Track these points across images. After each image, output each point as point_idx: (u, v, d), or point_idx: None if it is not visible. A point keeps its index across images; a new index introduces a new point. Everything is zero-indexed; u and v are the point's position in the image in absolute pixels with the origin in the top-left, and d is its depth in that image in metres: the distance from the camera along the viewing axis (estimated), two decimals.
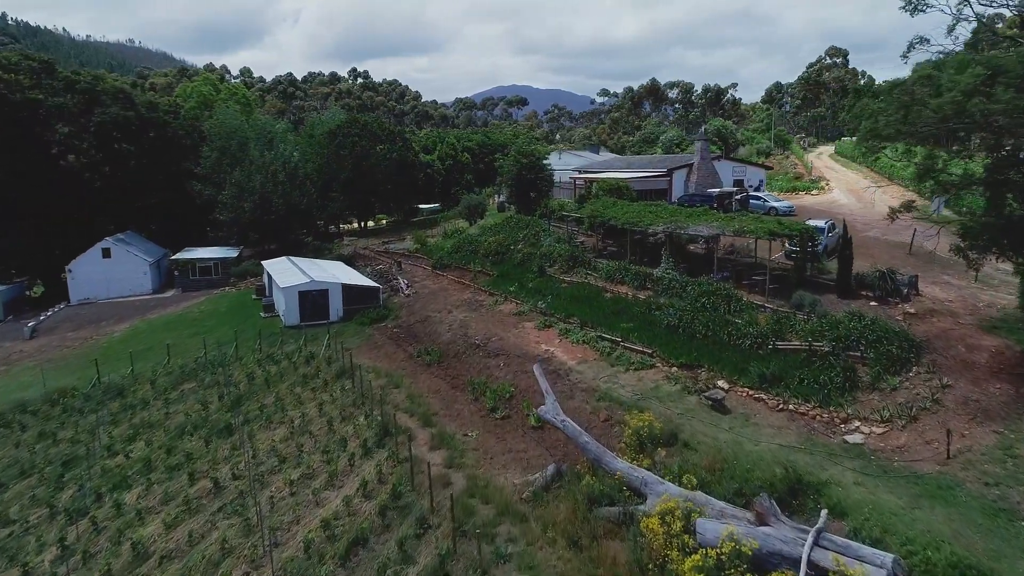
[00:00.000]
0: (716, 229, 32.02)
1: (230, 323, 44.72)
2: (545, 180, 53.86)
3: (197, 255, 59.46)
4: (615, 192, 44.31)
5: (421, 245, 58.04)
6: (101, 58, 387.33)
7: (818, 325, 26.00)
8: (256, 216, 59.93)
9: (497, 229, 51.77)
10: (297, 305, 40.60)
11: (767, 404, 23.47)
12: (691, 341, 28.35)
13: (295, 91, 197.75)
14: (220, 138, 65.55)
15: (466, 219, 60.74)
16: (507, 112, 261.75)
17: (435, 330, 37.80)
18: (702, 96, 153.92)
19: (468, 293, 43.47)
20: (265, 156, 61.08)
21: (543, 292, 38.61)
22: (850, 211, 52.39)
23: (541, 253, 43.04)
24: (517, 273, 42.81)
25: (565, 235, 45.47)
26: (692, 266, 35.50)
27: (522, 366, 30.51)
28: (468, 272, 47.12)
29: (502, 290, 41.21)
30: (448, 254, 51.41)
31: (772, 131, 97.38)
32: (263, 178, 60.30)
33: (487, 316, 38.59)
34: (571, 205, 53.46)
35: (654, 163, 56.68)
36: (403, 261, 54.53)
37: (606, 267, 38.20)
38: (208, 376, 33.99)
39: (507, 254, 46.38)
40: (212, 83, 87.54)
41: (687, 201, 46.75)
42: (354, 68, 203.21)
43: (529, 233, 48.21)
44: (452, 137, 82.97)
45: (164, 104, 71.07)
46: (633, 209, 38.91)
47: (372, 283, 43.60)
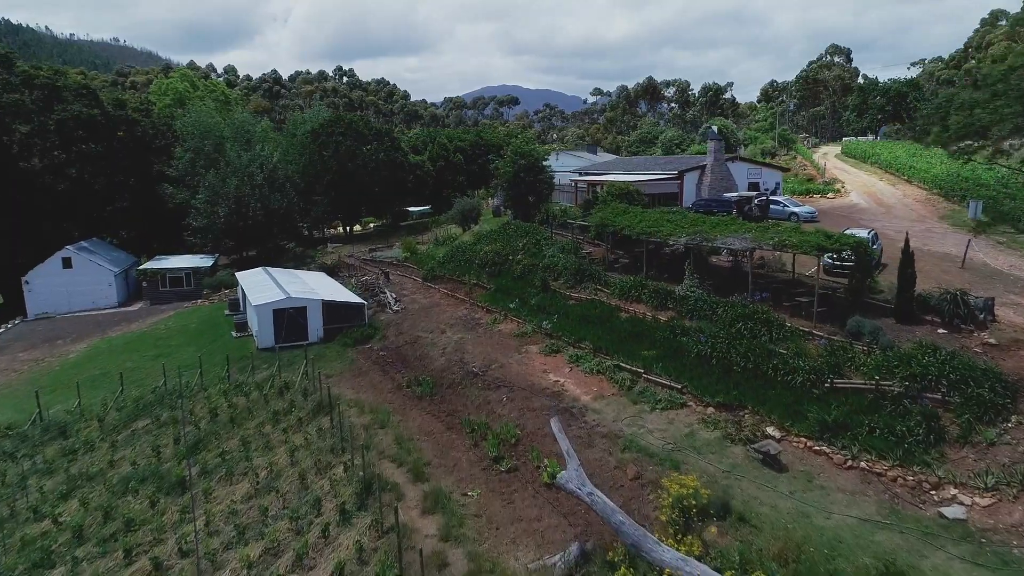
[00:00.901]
0: (751, 242, 27.86)
1: (198, 343, 40.21)
2: (545, 183, 49.67)
3: (167, 264, 54.85)
4: (625, 197, 40.17)
5: (411, 253, 53.70)
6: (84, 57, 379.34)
7: (883, 359, 21.88)
8: (231, 222, 55.40)
9: (494, 237, 47.50)
10: (272, 325, 36.17)
11: (832, 460, 19.34)
12: (728, 375, 24.20)
13: (280, 90, 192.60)
14: (194, 138, 60.95)
15: (459, 225, 56.46)
16: (498, 112, 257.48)
17: (427, 354, 33.48)
18: (700, 95, 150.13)
19: (463, 309, 39.18)
20: (241, 157, 56.53)
21: (548, 310, 34.39)
22: (874, 216, 48.51)
23: (544, 265, 38.81)
24: (517, 287, 38.55)
25: (570, 244, 41.24)
26: (718, 282, 31.31)
27: (528, 402, 26.27)
28: (463, 285, 42.84)
29: (501, 307, 36.96)
30: (440, 264, 47.10)
31: (776, 131, 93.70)
32: (239, 181, 55.79)
33: (485, 337, 34.32)
34: (574, 211, 49.27)
35: (662, 165, 52.58)
36: (391, 271, 50.16)
37: (619, 282, 33.96)
38: (165, 411, 29.51)
39: (505, 265, 42.11)
40: (189, 79, 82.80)
41: (702, 207, 42.69)
42: (339, 66, 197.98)
43: (529, 242, 43.96)
44: (443, 137, 78.64)
45: (134, 101, 66.29)
46: (649, 217, 34.75)
47: (356, 298, 39.22)
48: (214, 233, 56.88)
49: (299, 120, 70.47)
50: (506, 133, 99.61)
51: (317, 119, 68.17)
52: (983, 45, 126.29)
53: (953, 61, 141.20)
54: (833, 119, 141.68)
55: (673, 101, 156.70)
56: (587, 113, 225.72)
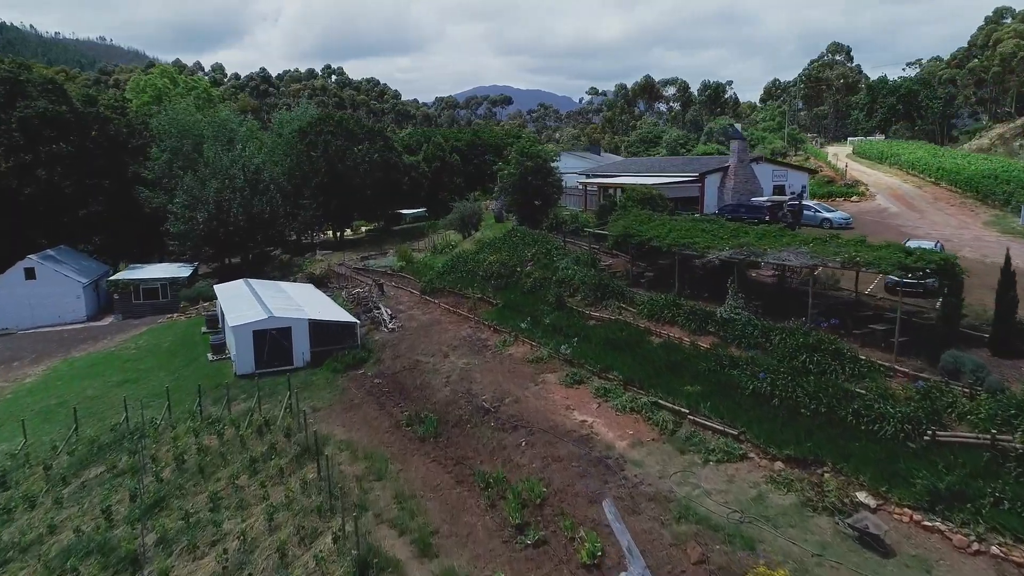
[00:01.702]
0: (811, 258, 23.82)
1: (170, 366, 35.91)
2: (554, 186, 45.63)
3: (140, 275, 50.42)
4: (647, 202, 36.18)
5: (407, 262, 49.52)
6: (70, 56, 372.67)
7: (996, 406, 17.93)
8: (211, 228, 51.04)
9: (498, 245, 43.40)
10: (251, 348, 31.92)
11: (950, 541, 15.35)
12: (794, 419, 20.19)
13: (269, 88, 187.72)
14: (170, 137, 56.58)
15: (459, 231, 52.34)
16: (491, 112, 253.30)
17: (428, 383, 29.34)
18: (700, 94, 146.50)
19: (467, 328, 35.05)
20: (221, 158, 52.19)
21: (565, 331, 30.33)
22: (909, 222, 44.75)
23: (558, 279, 34.73)
24: (528, 304, 34.46)
25: (585, 255, 37.17)
26: (765, 302, 27.23)
27: (552, 448, 22.18)
28: (465, 299, 38.73)
29: (511, 326, 32.86)
30: (440, 275, 42.95)
31: (785, 130, 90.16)
32: (219, 184, 51.43)
33: (495, 363, 30.21)
34: (587, 217, 45.18)
35: (680, 167, 48.62)
36: (385, 283, 45.97)
37: (647, 301, 29.87)
38: (124, 456, 25.24)
39: (513, 278, 38.02)
40: (169, 75, 78.21)
41: (729, 212, 38.77)
42: (328, 65, 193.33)
43: (539, 251, 39.89)
44: (439, 136, 74.44)
45: (107, 99, 61.76)
46: (679, 227, 30.73)
47: (348, 317, 35.02)
48: (192, 240, 52.51)
49: (285, 118, 66.15)
50: (504, 133, 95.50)
51: (304, 117, 63.87)
52: (991, 43, 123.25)
53: (955, 60, 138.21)
54: (836, 118, 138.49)
55: (672, 100, 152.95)
56: (582, 113, 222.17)
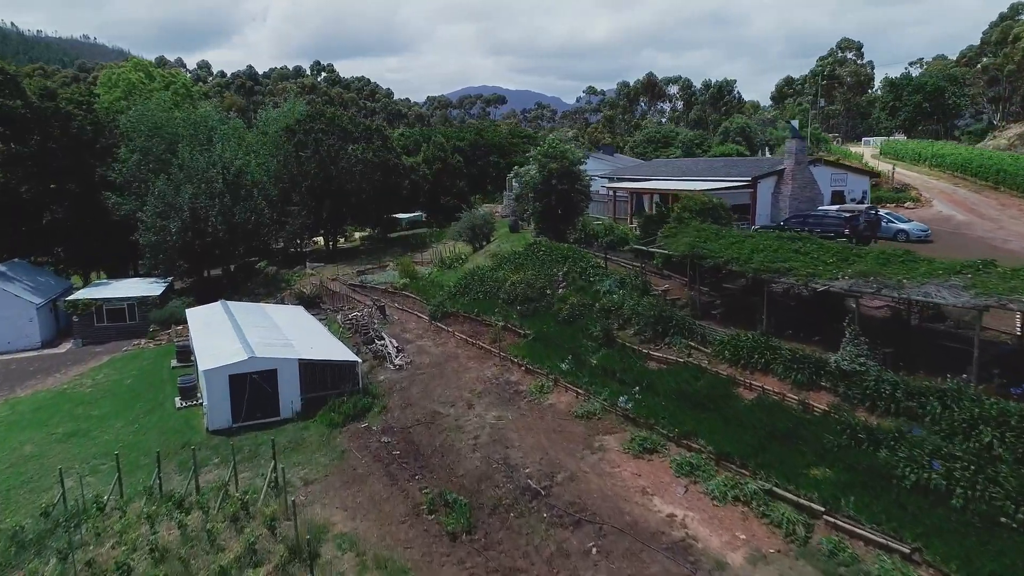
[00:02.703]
0: (977, 296, 17.67)
1: (129, 412, 29.55)
2: (582, 192, 39.57)
3: (104, 294, 43.90)
4: (708, 213, 30.10)
5: (410, 278, 43.28)
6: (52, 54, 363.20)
7: None
8: (186, 239, 44.66)
9: (520, 261, 37.30)
10: (228, 397, 25.64)
11: None
12: (993, 532, 14.23)
13: (255, 86, 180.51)
14: (140, 136, 50.10)
15: (468, 242, 46.16)
16: (484, 111, 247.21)
17: (451, 444, 23.22)
18: (703, 92, 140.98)
19: (492, 366, 28.93)
20: (197, 160, 45.79)
21: (619, 377, 24.30)
22: (988, 233, 39.02)
23: (602, 306, 28.62)
24: (566, 336, 28.38)
25: (632, 276, 31.06)
26: (893, 346, 21.07)
27: (638, 563, 16.09)
28: (485, 326, 32.63)
29: (548, 366, 26.79)
30: (452, 296, 36.80)
31: (808, 129, 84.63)
32: (194, 188, 45.03)
33: (533, 418, 24.13)
34: (625, 229, 38.93)
35: (724, 170, 42.63)
36: (388, 304, 39.77)
37: (728, 341, 23.77)
38: (53, 558, 18.94)
39: (542, 302, 31.92)
40: (144, 68, 71.50)
41: (797, 224, 32.82)
42: (318, 61, 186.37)
43: (572, 270, 33.83)
44: (440, 136, 68.19)
45: (69, 93, 55.11)
46: (765, 246, 24.66)
47: (347, 354, 28.80)
48: (164, 252, 46.06)
49: (271, 116, 59.71)
50: (508, 132, 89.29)
51: (292, 114, 57.51)
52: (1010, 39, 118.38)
53: (964, 58, 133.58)
54: (847, 117, 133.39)
55: (675, 99, 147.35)
56: (578, 113, 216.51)
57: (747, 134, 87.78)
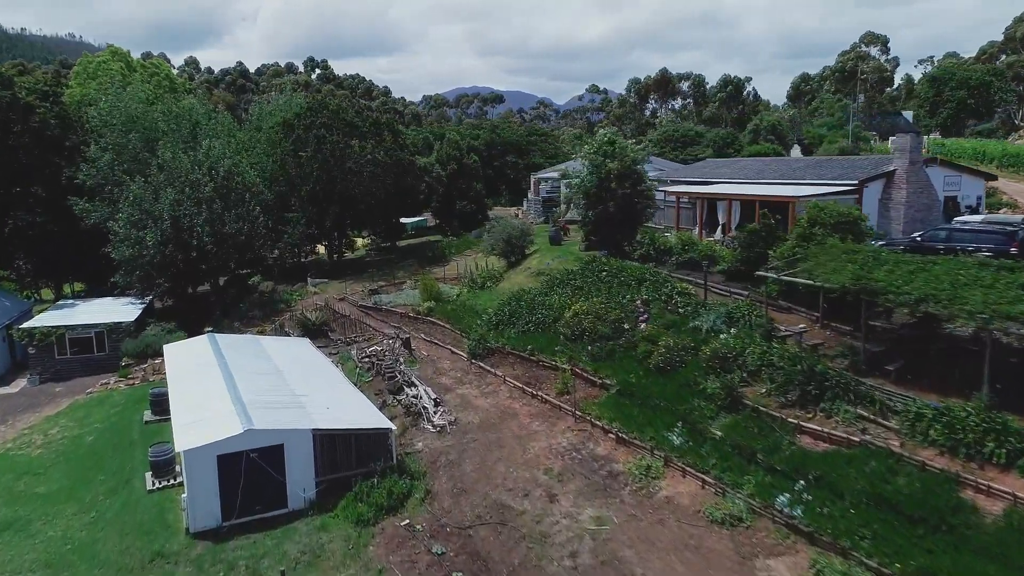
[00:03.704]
0: None
1: (85, 491, 22.39)
2: (647, 198, 32.69)
3: (68, 320, 36.62)
4: (847, 228, 23.22)
5: (435, 300, 36.19)
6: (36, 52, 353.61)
7: None
8: (165, 254, 37.52)
9: (577, 282, 30.39)
10: (217, 486, 18.50)
11: None
12: None
13: (246, 83, 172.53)
14: (113, 131, 42.82)
15: (501, 255, 39.10)
16: (482, 110, 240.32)
17: (535, 562, 16.23)
18: (719, 89, 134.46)
19: (567, 430, 21.98)
20: (179, 158, 38.62)
21: (759, 457, 17.40)
22: None
23: (713, 352, 21.65)
24: (665, 391, 21.44)
25: (740, 309, 24.10)
26: None
27: None
28: (544, 369, 25.73)
29: (650, 436, 19.87)
30: (493, 327, 29.84)
31: (851, 127, 78.25)
32: (176, 193, 37.86)
33: (649, 521, 17.18)
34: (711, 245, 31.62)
35: (816, 170, 35.77)
36: (411, 332, 32.76)
37: (933, 415, 16.82)
38: None
39: (620, 339, 24.97)
40: (123, 58, 64.00)
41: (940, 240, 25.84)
42: (312, 58, 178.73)
43: (654, 297, 26.89)
44: (455, 134, 61.15)
45: (29, 82, 47.68)
46: (939, 275, 17.83)
47: (374, 416, 21.74)
48: (141, 269, 38.86)
49: (264, 111, 52.42)
50: (526, 131, 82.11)
51: (289, 107, 50.32)
52: None
53: (984, 55, 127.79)
54: (869, 115, 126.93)
55: (688, 96, 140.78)
56: (581, 112, 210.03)
57: (779, 132, 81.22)
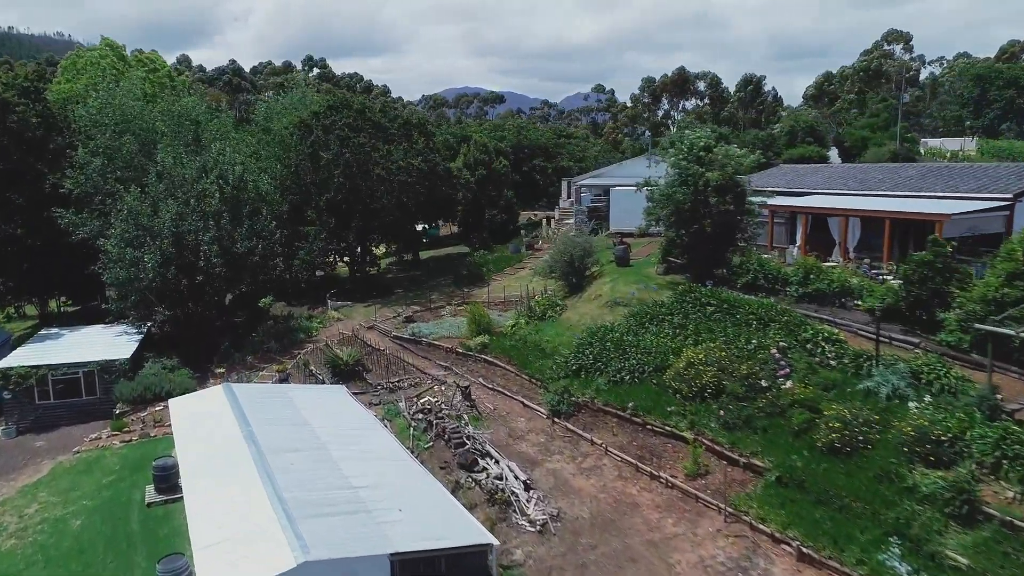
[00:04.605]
0: None
1: None
2: (751, 214, 27.18)
3: (50, 357, 30.74)
4: None
5: (486, 333, 30.50)
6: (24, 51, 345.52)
7: None
8: (167, 278, 31.82)
9: (678, 320, 24.85)
10: None
11: None
12: None
13: (242, 83, 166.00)
14: (105, 133, 37.02)
15: (561, 278, 33.43)
16: (482, 110, 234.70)
17: None
18: (738, 89, 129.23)
19: (716, 536, 16.42)
20: (183, 165, 32.91)
21: None
22: None
23: (921, 430, 16.10)
24: (858, 484, 15.94)
25: (927, 367, 18.61)
26: None
27: None
28: (651, 433, 20.25)
29: (854, 555, 14.38)
30: (572, 374, 24.31)
31: (898, 128, 73.00)
32: (179, 205, 32.15)
33: None
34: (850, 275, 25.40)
35: (932, 182, 30.30)
36: (464, 374, 27.16)
37: None
38: None
39: (760, 401, 19.47)
40: (118, 52, 57.81)
41: None
42: (310, 56, 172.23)
43: (793, 343, 21.39)
44: (482, 135, 55.43)
45: (9, 78, 41.63)
46: None
47: (467, 526, 16.08)
48: (138, 294, 33.09)
49: (275, 110, 46.48)
50: (553, 132, 76.22)
51: (304, 105, 44.50)
52: None
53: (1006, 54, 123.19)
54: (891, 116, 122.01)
55: (704, 96, 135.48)
56: (584, 111, 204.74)
57: (818, 134, 76.01)
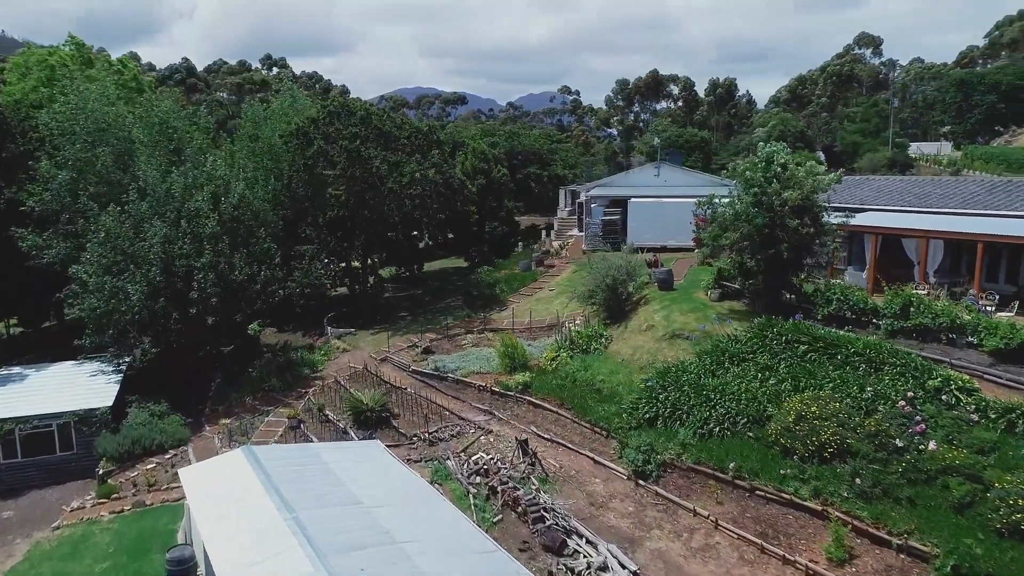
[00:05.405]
0: None
1: None
2: (828, 234, 24.58)
3: (17, 408, 26.22)
4: None
5: (525, 370, 27.25)
6: None
7: None
8: (155, 312, 27.68)
9: (764, 361, 22.05)
10: None
11: None
12: None
13: (196, 82, 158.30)
14: (76, 142, 32.46)
15: (602, 305, 30.29)
16: (444, 111, 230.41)
17: None
18: (708, 92, 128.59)
19: None
20: (172, 181, 28.77)
21: None
22: None
23: None
24: None
25: None
26: None
27: None
28: (762, 499, 17.38)
29: None
30: (646, 424, 21.33)
31: (890, 133, 72.23)
32: (168, 228, 28.04)
33: None
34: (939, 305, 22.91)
35: (1009, 195, 28.26)
36: (515, 424, 23.90)
37: None
38: None
39: (898, 463, 16.77)
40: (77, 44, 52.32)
41: None
42: (269, 55, 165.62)
43: (917, 391, 18.75)
44: (479, 141, 51.72)
45: None
46: None
47: None
48: (118, 327, 28.78)
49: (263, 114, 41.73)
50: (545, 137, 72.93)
51: (295, 111, 40.31)
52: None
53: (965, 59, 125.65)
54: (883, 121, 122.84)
55: (677, 99, 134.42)
56: (549, 114, 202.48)
57: (807, 138, 74.84)
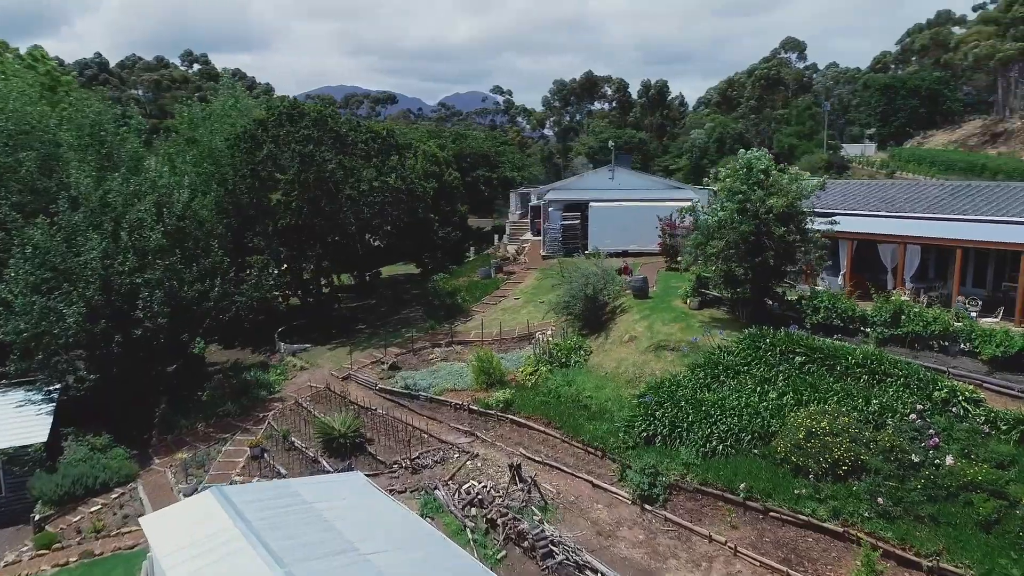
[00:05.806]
0: None
1: None
2: (815, 244, 24.34)
3: None
4: None
5: (502, 385, 26.01)
6: None
7: None
8: (94, 335, 25.01)
9: (760, 373, 21.55)
10: None
11: None
12: None
13: (109, 78, 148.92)
14: None
15: (579, 317, 29.20)
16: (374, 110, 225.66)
17: None
18: (641, 94, 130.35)
19: None
20: (108, 189, 26.05)
21: None
22: None
23: None
24: None
25: None
26: None
27: None
28: (778, 521, 16.80)
29: None
30: (642, 442, 20.52)
31: (824, 135, 74.39)
32: (105, 241, 25.38)
33: None
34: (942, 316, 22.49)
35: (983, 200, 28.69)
36: (500, 446, 22.65)
37: None
38: None
39: (916, 479, 16.47)
40: None
41: None
42: (189, 51, 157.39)
43: (924, 403, 18.52)
44: (429, 143, 49.76)
45: None
46: None
47: None
48: (51, 351, 25.87)
49: (197, 116, 38.68)
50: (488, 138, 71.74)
51: (237, 111, 37.61)
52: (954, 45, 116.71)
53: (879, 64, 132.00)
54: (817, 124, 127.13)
55: (612, 100, 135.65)
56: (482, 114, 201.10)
57: (746, 141, 76.39)
